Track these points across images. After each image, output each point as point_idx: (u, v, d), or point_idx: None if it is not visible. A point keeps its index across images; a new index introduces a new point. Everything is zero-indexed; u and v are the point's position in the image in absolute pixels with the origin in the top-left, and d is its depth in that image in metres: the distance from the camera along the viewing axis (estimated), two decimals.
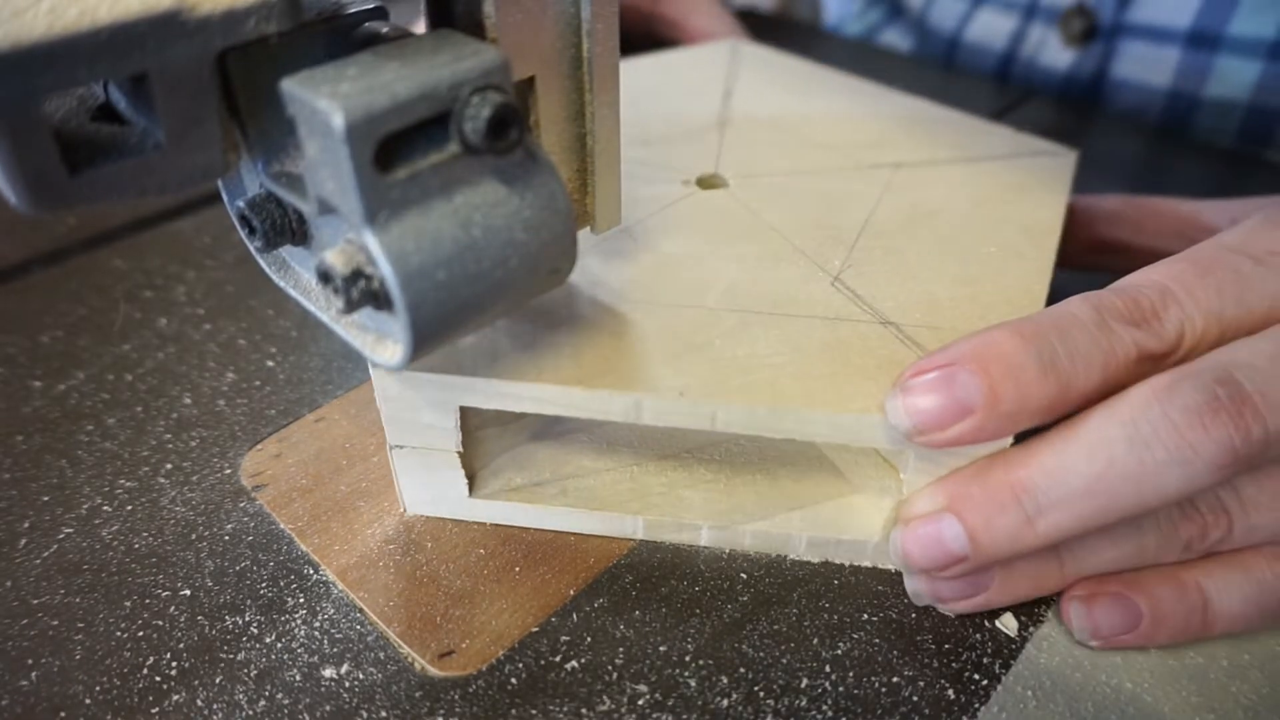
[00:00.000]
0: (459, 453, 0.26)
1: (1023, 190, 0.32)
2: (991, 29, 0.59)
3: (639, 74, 0.41)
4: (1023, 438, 0.23)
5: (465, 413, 0.25)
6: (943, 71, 0.59)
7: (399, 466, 0.26)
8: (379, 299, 0.19)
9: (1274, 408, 0.20)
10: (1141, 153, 0.50)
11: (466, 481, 0.26)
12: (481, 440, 0.28)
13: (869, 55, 0.61)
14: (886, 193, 0.32)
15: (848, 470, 0.28)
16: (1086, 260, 0.34)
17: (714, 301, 0.27)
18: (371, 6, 0.21)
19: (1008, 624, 0.25)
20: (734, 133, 0.36)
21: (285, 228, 0.21)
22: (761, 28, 0.61)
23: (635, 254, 0.29)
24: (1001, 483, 0.22)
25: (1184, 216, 0.32)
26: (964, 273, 0.28)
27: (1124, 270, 0.25)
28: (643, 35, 0.56)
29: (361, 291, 0.19)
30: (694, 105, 0.38)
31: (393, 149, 0.18)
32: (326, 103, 0.17)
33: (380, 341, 0.21)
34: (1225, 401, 0.20)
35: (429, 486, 0.27)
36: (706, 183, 0.32)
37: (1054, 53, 0.55)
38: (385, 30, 0.21)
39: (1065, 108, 0.54)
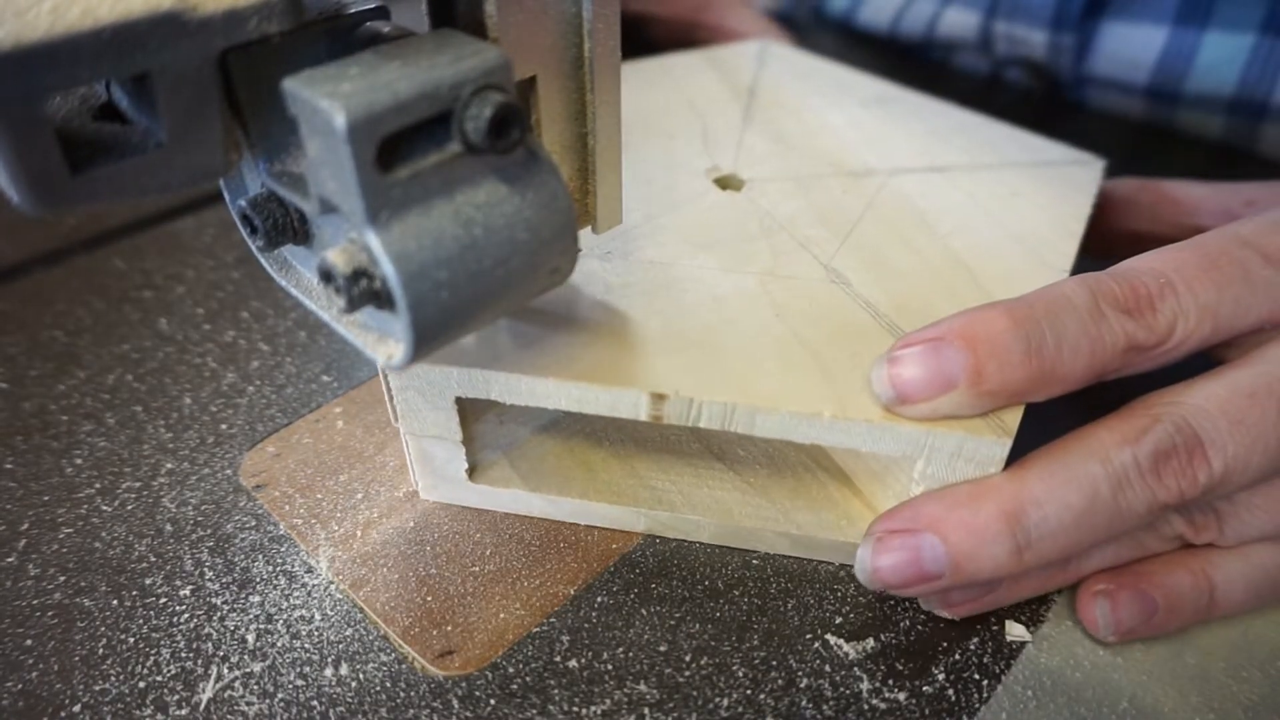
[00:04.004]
0: (460, 441, 0.26)
1: (1044, 198, 0.31)
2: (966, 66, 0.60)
3: (666, 72, 0.41)
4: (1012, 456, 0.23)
5: (468, 402, 0.25)
6: (937, 73, 0.59)
7: (410, 452, 0.27)
8: (380, 298, 0.19)
9: (1220, 452, 0.22)
10: (1126, 146, 0.50)
11: (468, 469, 0.27)
12: (485, 430, 0.29)
13: (870, 50, 0.61)
14: (903, 197, 0.32)
15: (854, 473, 0.28)
16: (1100, 249, 0.33)
17: (718, 300, 0.27)
18: (373, 6, 0.21)
19: (1015, 631, 0.25)
20: (754, 132, 0.36)
21: (287, 227, 0.21)
22: None
23: (641, 250, 0.29)
24: (995, 513, 0.22)
25: (1194, 204, 0.32)
26: (973, 280, 0.28)
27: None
28: (686, 43, 0.56)
29: (363, 291, 0.19)
30: (717, 104, 0.38)
31: (394, 148, 0.18)
32: (328, 102, 0.17)
33: (382, 340, 0.21)
34: (1181, 450, 0.22)
35: (435, 472, 0.27)
36: (724, 182, 0.32)
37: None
38: (386, 30, 0.21)
39: (1050, 101, 0.54)
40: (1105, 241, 0.33)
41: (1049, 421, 0.23)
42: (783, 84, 0.40)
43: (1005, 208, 0.31)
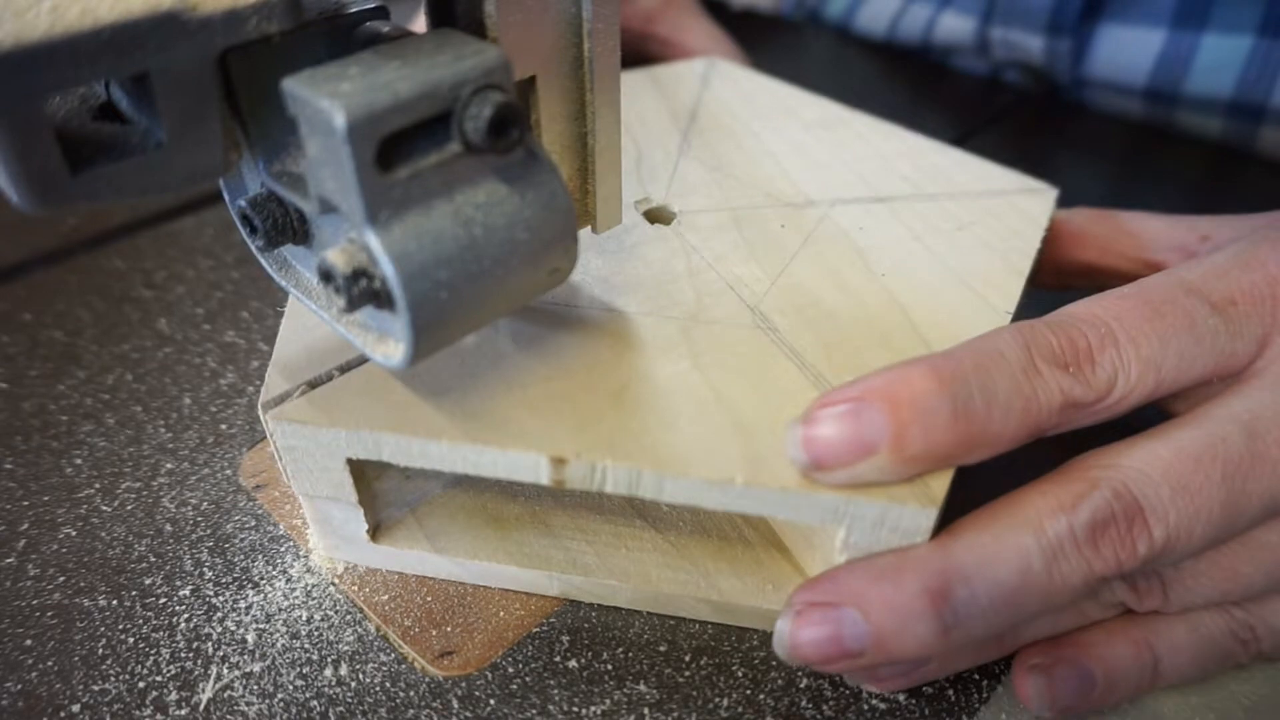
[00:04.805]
0: (356, 503, 0.24)
1: (991, 232, 0.30)
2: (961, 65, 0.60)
3: None
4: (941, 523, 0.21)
5: (365, 462, 0.24)
6: (936, 73, 0.59)
7: (307, 513, 0.26)
8: (380, 298, 0.19)
9: (1161, 520, 0.20)
10: (1126, 146, 0.50)
11: (368, 530, 0.25)
12: (389, 486, 0.27)
13: (868, 52, 0.61)
14: (841, 232, 0.30)
15: (781, 533, 0.26)
16: (1051, 281, 0.32)
17: (633, 349, 0.25)
18: (373, 6, 0.21)
19: None
20: (691, 159, 0.34)
21: (287, 227, 0.21)
22: (763, 28, 0.61)
23: (554, 292, 0.27)
24: (919, 589, 0.20)
25: (1149, 237, 0.30)
26: (910, 325, 0.26)
27: (1090, 290, 0.23)
28: (636, 55, 0.55)
29: (363, 291, 0.19)
30: (656, 128, 0.36)
31: (394, 148, 0.18)
32: (328, 102, 0.17)
33: (382, 340, 0.21)
34: (1120, 518, 0.20)
35: (335, 533, 0.26)
36: (653, 214, 0.31)
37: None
38: (386, 30, 0.21)
39: (1050, 102, 0.54)
40: (1058, 273, 0.32)
41: (983, 475, 0.22)
42: (726, 106, 0.38)
43: (948, 243, 0.29)
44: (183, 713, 0.22)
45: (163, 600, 0.25)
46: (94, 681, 0.23)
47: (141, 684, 0.23)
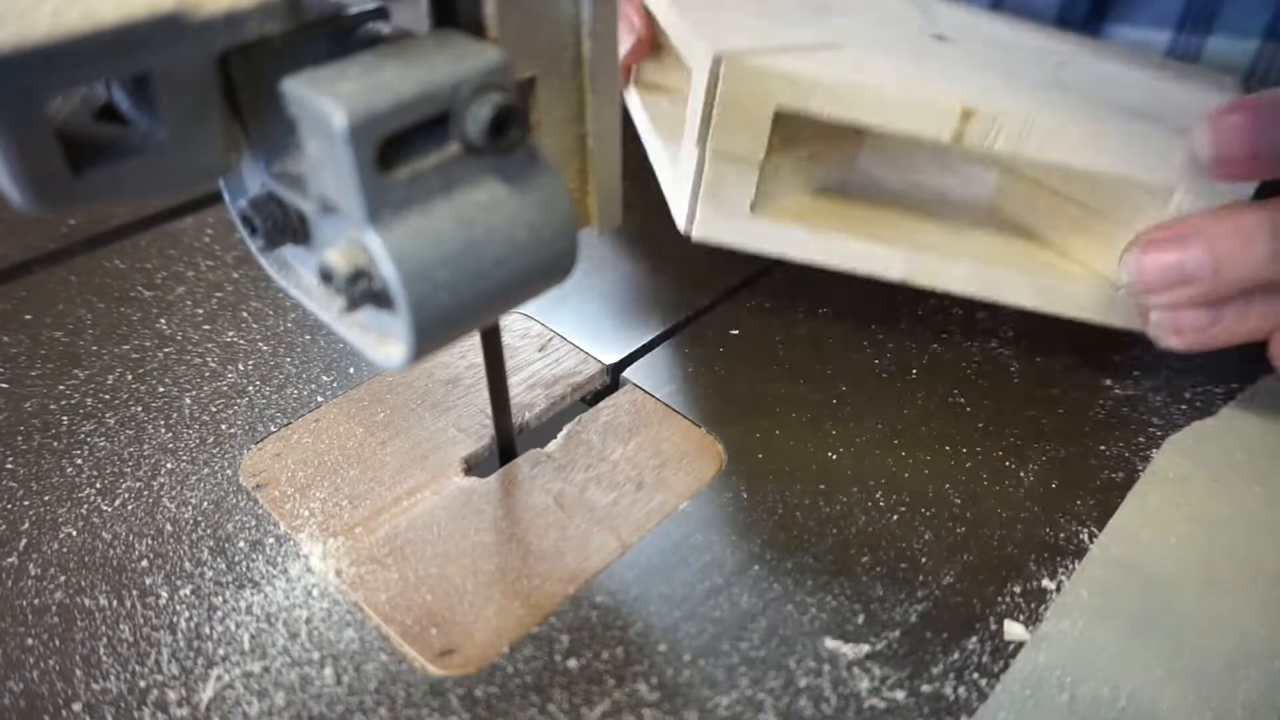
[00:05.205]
0: (759, 162, 0.28)
1: (1199, 75, 0.37)
2: None
3: None
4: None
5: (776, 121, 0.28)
6: None
7: (699, 181, 0.29)
8: (381, 299, 0.19)
9: None
10: None
11: (753, 195, 0.29)
12: (773, 172, 0.31)
13: None
14: (1082, 70, 0.35)
15: (1073, 248, 0.31)
16: None
17: (977, 85, 0.30)
18: (373, 7, 0.21)
19: (1014, 631, 0.25)
20: (935, 20, 0.39)
21: (287, 227, 0.21)
22: None
23: (917, 58, 0.32)
24: (1252, 221, 0.26)
25: None
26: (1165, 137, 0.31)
27: None
28: None
29: (363, 291, 0.19)
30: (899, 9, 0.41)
31: (394, 149, 0.18)
32: (328, 103, 0.17)
33: (382, 341, 0.21)
34: None
35: (720, 202, 0.29)
36: (940, 38, 0.36)
37: None
38: (387, 30, 0.21)
39: None
40: None
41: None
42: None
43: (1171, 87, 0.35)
44: (183, 712, 0.23)
45: (163, 600, 0.25)
46: (95, 681, 0.23)
47: (142, 683, 0.23)
